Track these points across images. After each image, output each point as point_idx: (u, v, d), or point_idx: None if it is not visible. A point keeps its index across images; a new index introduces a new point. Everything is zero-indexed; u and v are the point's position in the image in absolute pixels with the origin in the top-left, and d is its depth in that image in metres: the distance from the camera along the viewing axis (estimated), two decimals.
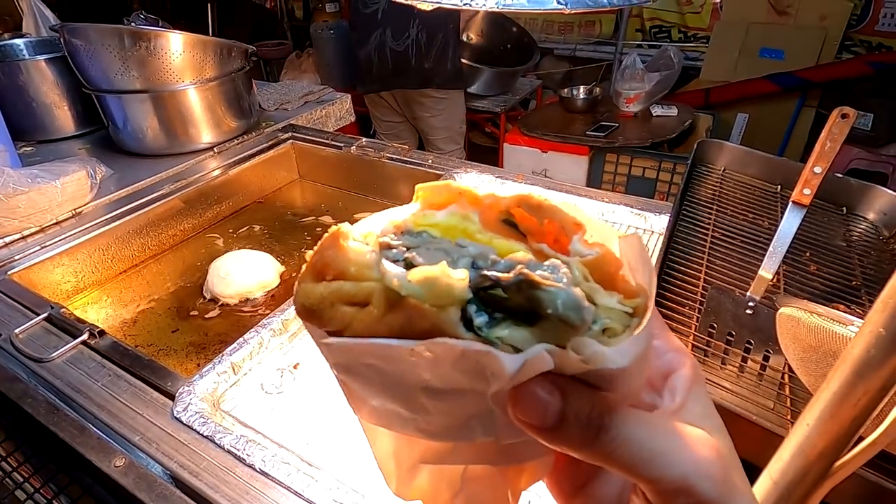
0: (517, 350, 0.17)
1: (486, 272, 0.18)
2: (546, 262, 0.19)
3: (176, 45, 0.97)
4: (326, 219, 1.11)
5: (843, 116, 0.66)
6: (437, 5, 0.36)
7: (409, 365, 0.18)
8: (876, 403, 0.23)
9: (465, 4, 0.36)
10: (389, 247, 0.20)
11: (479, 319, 0.18)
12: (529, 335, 0.18)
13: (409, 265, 0.19)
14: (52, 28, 1.08)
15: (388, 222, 0.21)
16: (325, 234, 0.21)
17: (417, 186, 0.22)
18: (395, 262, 0.19)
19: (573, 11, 0.36)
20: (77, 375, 0.60)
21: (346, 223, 0.21)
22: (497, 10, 0.36)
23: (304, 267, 0.20)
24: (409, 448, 0.24)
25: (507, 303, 0.18)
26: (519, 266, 0.18)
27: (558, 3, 0.36)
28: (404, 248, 0.20)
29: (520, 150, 2.30)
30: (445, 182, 0.22)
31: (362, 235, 0.21)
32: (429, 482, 0.25)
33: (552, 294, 0.17)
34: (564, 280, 0.18)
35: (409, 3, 0.37)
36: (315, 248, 0.20)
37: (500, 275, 0.18)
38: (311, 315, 0.19)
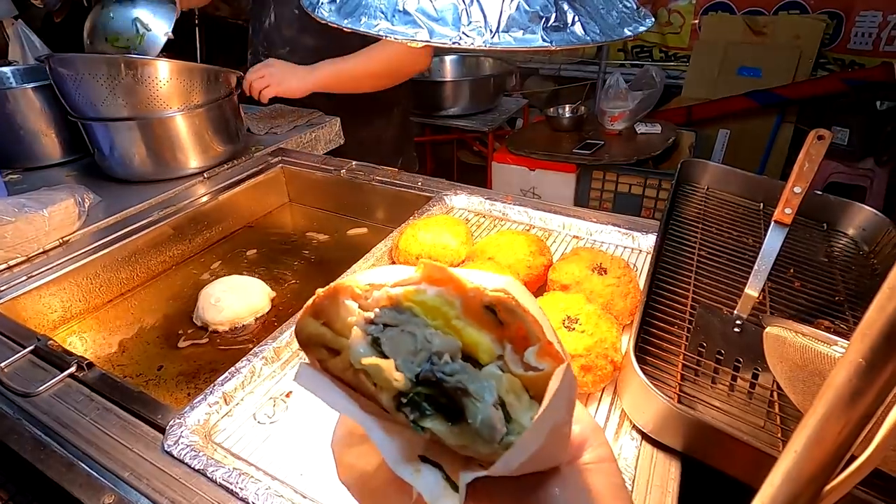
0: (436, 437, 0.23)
1: (433, 373, 0.23)
2: (483, 375, 0.23)
3: (163, 73, 0.98)
4: (320, 236, 1.11)
5: (820, 138, 0.68)
6: (427, 44, 0.37)
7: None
8: (860, 431, 0.24)
9: (453, 43, 0.37)
10: (372, 322, 0.25)
11: (413, 415, 0.24)
12: (449, 433, 0.23)
13: (377, 342, 0.24)
14: (37, 58, 1.09)
15: (384, 291, 0.25)
16: (332, 284, 0.26)
17: (421, 261, 0.26)
18: (368, 335, 0.24)
19: (559, 48, 0.38)
20: (64, 410, 0.58)
21: (352, 276, 0.26)
22: (485, 48, 0.37)
23: (311, 300, 0.26)
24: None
25: (441, 398, 0.24)
26: (460, 376, 0.23)
27: (544, 40, 0.38)
28: (382, 327, 0.25)
29: (508, 169, 2.33)
30: (443, 266, 0.25)
31: (362, 288, 0.25)
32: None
33: (477, 408, 0.23)
34: (491, 399, 0.23)
35: (402, 41, 0.38)
36: (321, 290, 0.26)
37: (444, 377, 0.23)
38: (303, 344, 0.26)
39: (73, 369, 0.63)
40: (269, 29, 1.39)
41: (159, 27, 1.13)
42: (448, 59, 2.69)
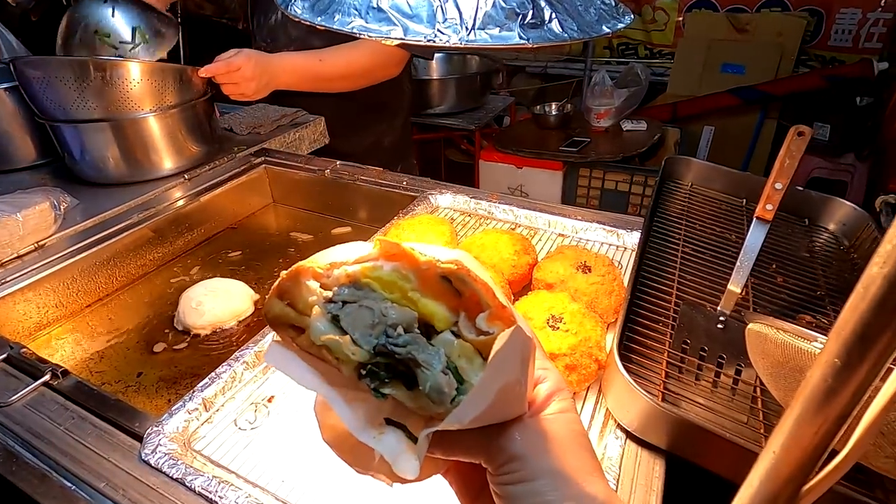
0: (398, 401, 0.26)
1: (387, 345, 0.25)
2: (434, 343, 0.25)
3: (134, 74, 0.95)
4: (304, 236, 1.10)
5: (800, 134, 0.69)
6: (402, 41, 0.37)
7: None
8: (836, 431, 0.23)
9: (428, 41, 0.36)
10: (331, 300, 0.26)
11: (373, 384, 0.25)
12: (407, 397, 0.25)
13: (336, 318, 0.26)
14: (1, 61, 1.06)
15: (343, 270, 0.27)
16: (294, 266, 0.27)
17: (376, 238, 0.27)
18: (328, 313, 0.26)
19: (536, 46, 0.37)
20: (38, 420, 0.57)
21: (313, 257, 0.28)
22: (461, 45, 0.36)
23: (276, 282, 0.27)
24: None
25: (399, 366, 0.25)
26: (411, 347, 0.25)
27: (521, 38, 0.37)
28: (341, 304, 0.26)
29: (495, 167, 2.33)
30: (397, 241, 0.26)
31: (323, 267, 0.27)
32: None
33: (426, 376, 0.24)
34: (439, 366, 0.24)
35: (377, 39, 0.37)
36: (285, 272, 0.27)
37: (396, 349, 0.25)
38: (271, 323, 0.28)
39: (47, 377, 0.61)
40: (274, 25, 1.34)
41: (156, 46, 1.11)
42: (434, 57, 2.68)
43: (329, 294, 0.26)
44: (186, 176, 1.10)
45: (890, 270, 0.19)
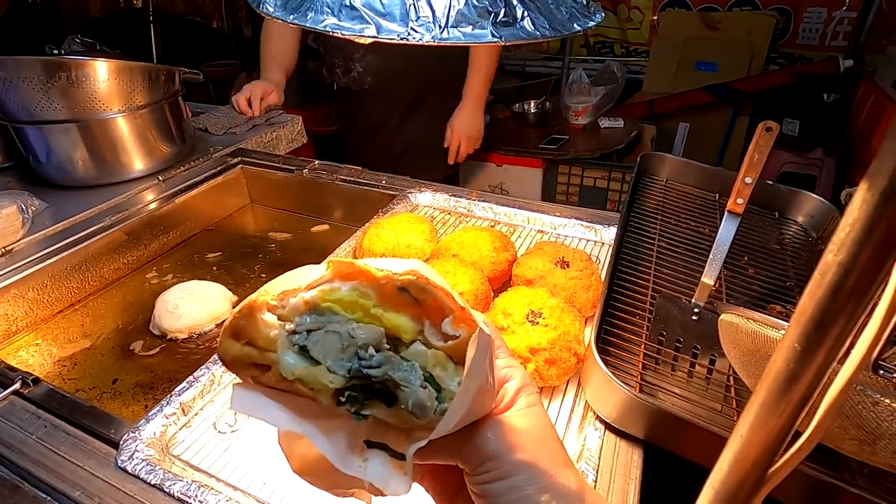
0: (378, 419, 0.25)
1: (361, 369, 0.25)
2: (407, 357, 0.25)
3: (101, 73, 0.93)
4: (283, 235, 1.09)
5: (768, 129, 0.71)
6: (374, 39, 0.37)
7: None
8: (798, 413, 0.24)
9: (401, 39, 0.36)
10: (294, 332, 0.25)
11: (353, 408, 0.25)
12: (388, 414, 0.25)
13: (304, 349, 0.25)
14: None
15: (299, 297, 0.26)
16: (244, 302, 0.26)
17: (329, 260, 0.26)
18: (295, 345, 0.25)
19: (508, 44, 0.38)
20: (8, 429, 0.55)
21: (263, 288, 0.26)
22: (434, 44, 0.36)
23: (227, 321, 0.25)
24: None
25: (376, 385, 0.25)
26: (386, 367, 0.25)
27: (493, 36, 0.37)
28: (306, 334, 0.25)
29: (476, 165, 2.33)
30: (351, 260, 0.26)
31: (277, 298, 0.26)
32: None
33: (406, 393, 0.24)
34: (417, 381, 0.24)
35: (349, 38, 0.37)
36: (235, 310, 0.25)
37: (371, 372, 0.25)
38: (229, 367, 0.26)
39: (17, 386, 0.59)
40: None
41: None
42: None
43: (291, 325, 0.25)
44: (160, 177, 1.08)
45: (843, 258, 0.20)
